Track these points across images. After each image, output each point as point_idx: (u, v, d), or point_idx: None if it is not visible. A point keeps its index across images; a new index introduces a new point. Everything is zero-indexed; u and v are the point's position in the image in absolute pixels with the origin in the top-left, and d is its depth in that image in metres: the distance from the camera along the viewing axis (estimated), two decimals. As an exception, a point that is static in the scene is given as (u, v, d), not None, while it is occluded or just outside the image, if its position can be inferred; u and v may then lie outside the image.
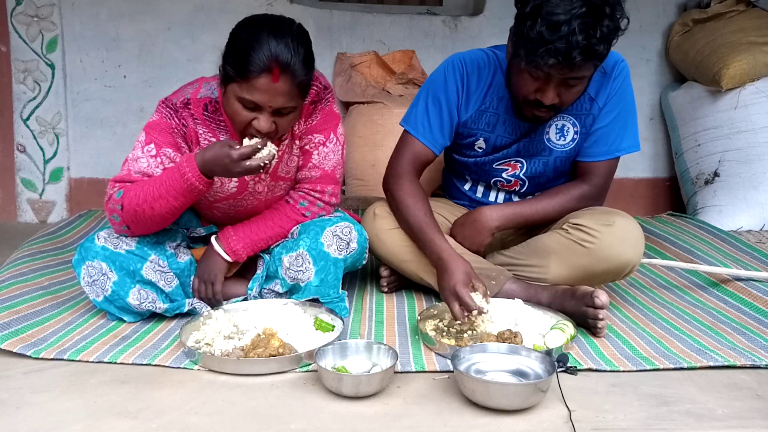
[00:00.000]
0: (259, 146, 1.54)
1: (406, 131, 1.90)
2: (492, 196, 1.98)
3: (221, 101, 1.67)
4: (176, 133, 1.69)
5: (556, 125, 1.82)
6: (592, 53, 1.52)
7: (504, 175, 1.92)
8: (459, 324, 1.64)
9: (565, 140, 1.83)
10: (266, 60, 1.50)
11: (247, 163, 1.52)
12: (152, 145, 1.66)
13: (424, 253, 1.81)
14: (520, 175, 1.90)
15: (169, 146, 1.68)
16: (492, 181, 1.95)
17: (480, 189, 2.00)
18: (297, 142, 1.81)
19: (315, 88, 1.72)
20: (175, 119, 1.68)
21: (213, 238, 1.80)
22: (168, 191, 1.57)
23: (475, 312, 1.58)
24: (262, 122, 1.57)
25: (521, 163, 1.88)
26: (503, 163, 1.90)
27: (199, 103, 1.70)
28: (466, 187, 2.03)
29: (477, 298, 1.60)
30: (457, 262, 1.67)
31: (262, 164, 1.54)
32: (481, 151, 1.89)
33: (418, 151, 1.87)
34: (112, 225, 1.68)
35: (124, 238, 1.70)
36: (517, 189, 1.94)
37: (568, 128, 1.82)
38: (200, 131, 1.72)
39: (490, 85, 1.83)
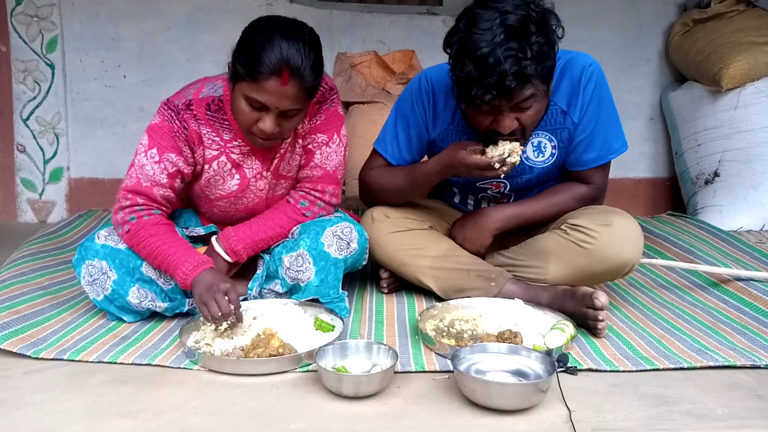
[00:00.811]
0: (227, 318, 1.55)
1: (374, 149, 1.92)
2: (483, 206, 1.97)
3: (225, 99, 1.68)
4: (178, 137, 1.69)
5: (533, 143, 1.79)
6: (526, 77, 1.49)
7: (489, 192, 1.92)
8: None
9: (544, 156, 1.80)
10: (277, 62, 1.51)
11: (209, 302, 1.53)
12: (155, 150, 1.68)
13: (434, 184, 1.86)
14: (505, 192, 1.90)
15: (172, 150, 1.68)
16: (479, 195, 1.95)
17: (470, 202, 1.99)
18: (300, 141, 1.81)
19: (321, 88, 1.73)
20: (176, 122, 1.69)
21: (213, 239, 1.80)
22: (162, 262, 1.64)
23: (502, 156, 1.60)
24: (267, 123, 1.58)
25: (504, 183, 1.87)
26: (486, 183, 1.89)
27: (201, 103, 1.70)
28: (456, 200, 2.03)
29: (500, 147, 1.62)
30: (447, 157, 1.70)
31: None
32: None
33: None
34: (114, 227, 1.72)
35: None
36: (505, 201, 1.93)
37: (545, 144, 1.79)
38: (203, 131, 1.72)
39: None
